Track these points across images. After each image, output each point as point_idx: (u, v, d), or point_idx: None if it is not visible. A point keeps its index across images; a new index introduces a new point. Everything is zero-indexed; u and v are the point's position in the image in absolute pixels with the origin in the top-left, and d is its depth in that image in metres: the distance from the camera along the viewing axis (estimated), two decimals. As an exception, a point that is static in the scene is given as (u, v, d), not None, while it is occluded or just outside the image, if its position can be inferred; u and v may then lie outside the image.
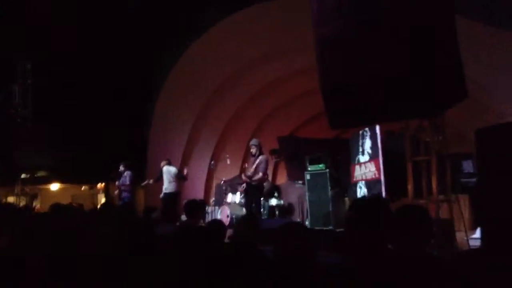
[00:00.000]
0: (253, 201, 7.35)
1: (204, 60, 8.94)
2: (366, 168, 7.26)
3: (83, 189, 14.04)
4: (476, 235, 5.06)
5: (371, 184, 7.04)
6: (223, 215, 9.19)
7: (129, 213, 3.85)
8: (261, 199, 7.97)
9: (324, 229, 7.49)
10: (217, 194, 10.83)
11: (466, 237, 4.63)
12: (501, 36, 5.27)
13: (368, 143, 7.23)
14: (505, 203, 3.71)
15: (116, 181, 9.74)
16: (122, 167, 9.58)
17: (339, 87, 4.30)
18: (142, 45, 10.84)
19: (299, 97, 10.45)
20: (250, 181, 7.23)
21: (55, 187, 15.35)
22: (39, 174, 14.48)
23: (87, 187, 14.00)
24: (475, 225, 5.70)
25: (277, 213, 9.51)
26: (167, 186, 8.90)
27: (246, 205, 7.66)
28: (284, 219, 8.50)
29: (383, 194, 6.56)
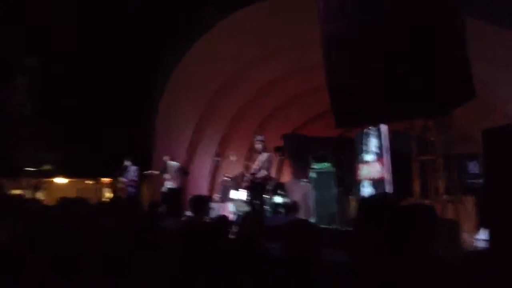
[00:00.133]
0: (257, 198, 7.35)
1: (206, 59, 8.96)
2: (371, 167, 7.24)
3: (88, 183, 14.11)
4: (481, 236, 5.04)
5: (376, 183, 7.02)
6: (226, 212, 9.21)
7: (135, 207, 3.86)
8: (265, 196, 7.96)
9: (329, 227, 7.47)
10: (221, 190, 10.86)
11: (471, 238, 4.62)
12: (507, 34, 5.23)
13: (373, 142, 7.20)
14: (511, 205, 3.70)
15: (121, 176, 9.79)
16: (127, 162, 9.62)
17: (345, 86, 4.29)
18: (144, 46, 10.87)
19: (301, 95, 10.43)
20: (253, 178, 7.22)
21: (60, 180, 15.42)
22: (44, 167, 14.56)
23: (92, 181, 14.08)
24: (481, 226, 5.67)
25: (282, 210, 9.50)
26: (170, 181, 8.93)
27: (249, 202, 7.66)
28: (288, 217, 8.48)
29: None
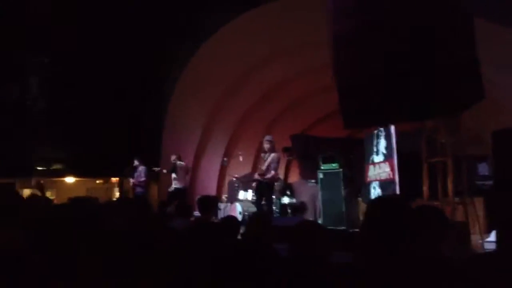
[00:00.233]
0: (265, 198, 7.35)
1: (215, 59, 9.00)
2: (380, 168, 7.21)
3: (98, 182, 14.23)
4: (491, 238, 5.00)
5: (385, 184, 6.98)
6: (234, 212, 9.22)
7: (143, 207, 3.88)
8: (273, 197, 7.97)
9: (337, 228, 7.45)
10: (229, 191, 10.87)
11: (481, 240, 4.58)
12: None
13: (382, 143, 7.17)
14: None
15: (130, 176, 9.83)
16: (136, 162, 9.66)
17: (353, 87, 4.29)
18: (155, 45, 10.92)
19: (310, 95, 10.42)
20: (261, 179, 7.23)
21: (70, 180, 15.57)
22: (54, 167, 14.71)
23: (102, 181, 14.20)
24: (490, 228, 5.62)
25: (289, 211, 9.50)
26: (178, 181, 8.97)
27: (257, 203, 7.67)
28: (296, 218, 8.48)
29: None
